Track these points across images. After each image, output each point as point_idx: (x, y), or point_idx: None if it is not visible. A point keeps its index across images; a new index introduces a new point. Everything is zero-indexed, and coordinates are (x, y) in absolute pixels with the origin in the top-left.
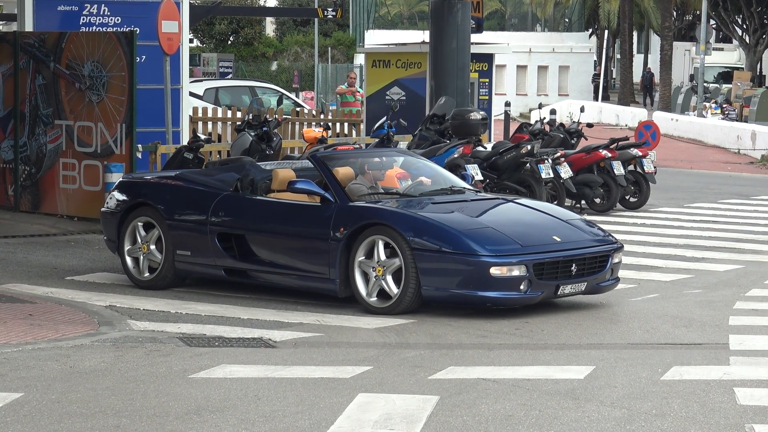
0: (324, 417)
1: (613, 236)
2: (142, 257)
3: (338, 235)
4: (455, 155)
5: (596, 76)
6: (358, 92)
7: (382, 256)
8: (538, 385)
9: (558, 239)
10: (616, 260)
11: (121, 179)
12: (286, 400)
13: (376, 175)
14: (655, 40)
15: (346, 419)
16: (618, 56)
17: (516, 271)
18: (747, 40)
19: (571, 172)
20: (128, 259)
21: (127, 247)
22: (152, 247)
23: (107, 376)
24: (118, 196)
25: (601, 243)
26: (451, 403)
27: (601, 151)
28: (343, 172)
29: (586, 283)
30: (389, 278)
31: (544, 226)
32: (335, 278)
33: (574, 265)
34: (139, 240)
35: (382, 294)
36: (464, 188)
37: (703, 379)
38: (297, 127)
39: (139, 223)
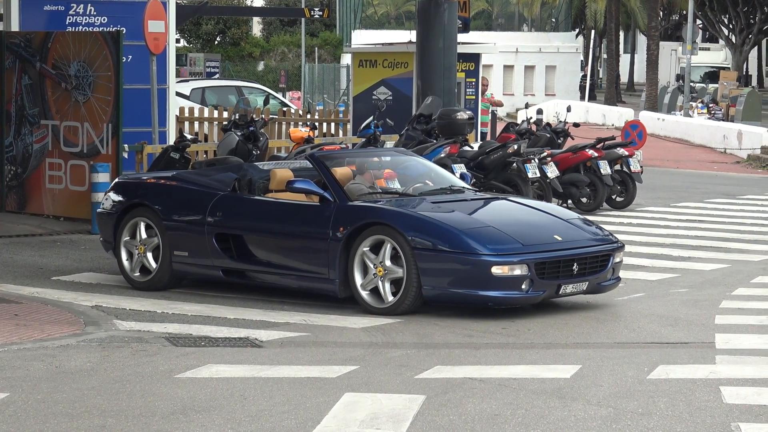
0: (310, 416)
1: (614, 236)
2: (143, 260)
3: (338, 235)
4: (442, 155)
5: (585, 77)
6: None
7: (373, 256)
8: (525, 384)
9: (559, 238)
10: (617, 260)
11: (117, 180)
12: (272, 400)
13: (375, 174)
14: (642, 40)
15: (333, 419)
16: (605, 56)
17: (517, 271)
18: (733, 40)
19: (557, 172)
20: (125, 261)
21: (123, 248)
22: (144, 237)
23: (93, 376)
24: (114, 197)
25: (603, 242)
26: (437, 403)
27: (587, 150)
28: (341, 171)
29: (587, 283)
30: (391, 267)
31: (545, 225)
32: (335, 278)
33: (575, 264)
34: (135, 245)
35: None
36: (463, 188)
37: (689, 378)
38: (284, 126)
39: (137, 224)
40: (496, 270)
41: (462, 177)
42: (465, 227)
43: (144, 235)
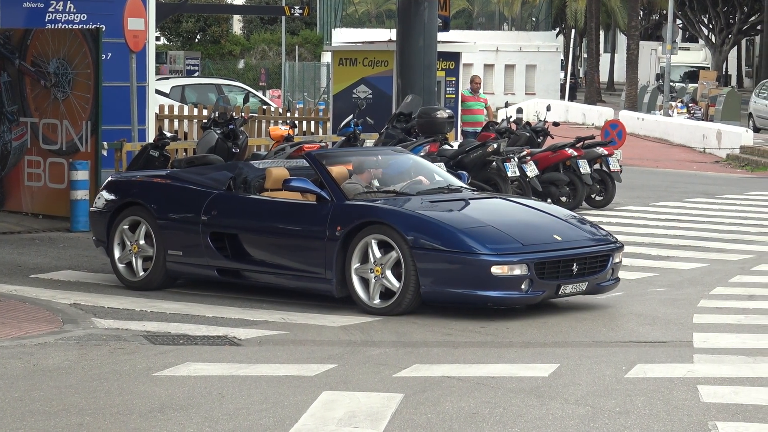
0: (288, 415)
1: (612, 236)
2: (132, 258)
3: (336, 234)
4: (421, 153)
5: (571, 76)
6: (481, 98)
7: (378, 255)
8: (503, 383)
9: (559, 238)
10: (616, 260)
11: (110, 178)
12: (250, 398)
13: (373, 173)
14: (622, 40)
15: (311, 417)
16: (585, 55)
17: (517, 270)
18: (713, 40)
19: (537, 171)
20: (117, 260)
21: (116, 247)
22: (142, 242)
23: (71, 374)
24: (106, 195)
25: (602, 242)
26: (415, 401)
27: (567, 149)
28: (337, 170)
29: (587, 283)
30: (389, 277)
31: (544, 225)
32: (331, 278)
33: (575, 264)
34: (129, 240)
35: (381, 294)
36: (461, 187)
37: (667, 376)
38: (263, 125)
39: (129, 223)
40: (495, 270)
41: (459, 176)
42: (464, 226)
43: (142, 241)
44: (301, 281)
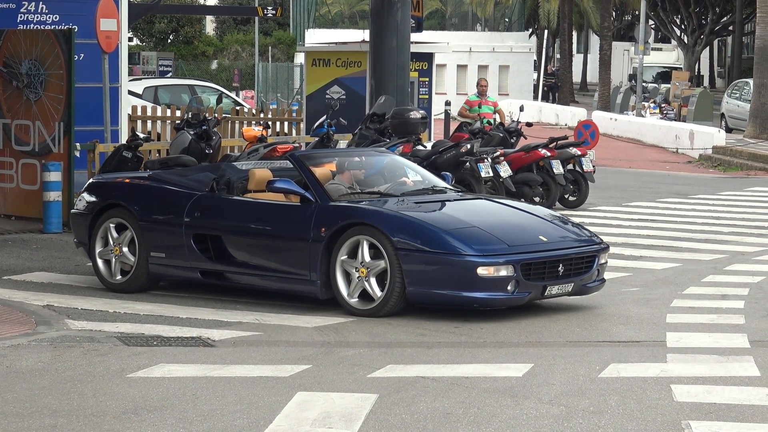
0: (263, 416)
1: (598, 236)
2: (114, 260)
3: (321, 235)
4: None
5: (549, 76)
6: (490, 101)
7: (366, 257)
8: (477, 383)
9: (544, 239)
10: (602, 261)
11: (91, 180)
12: (224, 399)
13: (356, 174)
14: (595, 40)
15: (285, 418)
16: (558, 56)
17: (503, 272)
18: (685, 41)
19: (510, 171)
20: (100, 262)
21: (98, 249)
22: (125, 249)
23: (44, 375)
24: (88, 197)
25: (588, 243)
26: (390, 401)
27: (540, 150)
28: (320, 171)
29: (573, 284)
30: (373, 280)
31: (530, 225)
32: (316, 280)
33: (561, 265)
34: (111, 242)
35: (365, 296)
36: (446, 188)
37: (641, 376)
38: (237, 125)
39: (111, 225)
40: (481, 271)
41: (443, 177)
42: (449, 228)
43: (125, 248)
44: (285, 283)
